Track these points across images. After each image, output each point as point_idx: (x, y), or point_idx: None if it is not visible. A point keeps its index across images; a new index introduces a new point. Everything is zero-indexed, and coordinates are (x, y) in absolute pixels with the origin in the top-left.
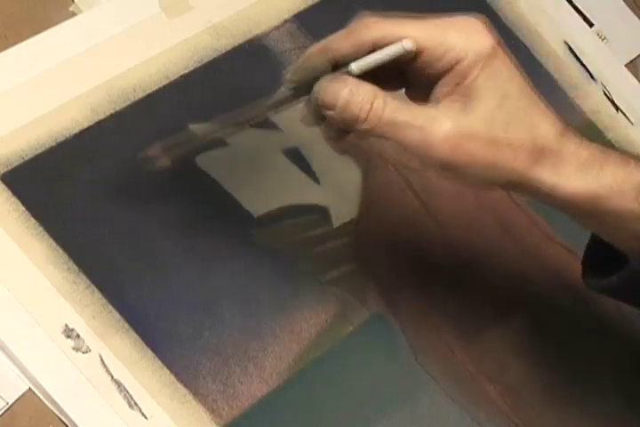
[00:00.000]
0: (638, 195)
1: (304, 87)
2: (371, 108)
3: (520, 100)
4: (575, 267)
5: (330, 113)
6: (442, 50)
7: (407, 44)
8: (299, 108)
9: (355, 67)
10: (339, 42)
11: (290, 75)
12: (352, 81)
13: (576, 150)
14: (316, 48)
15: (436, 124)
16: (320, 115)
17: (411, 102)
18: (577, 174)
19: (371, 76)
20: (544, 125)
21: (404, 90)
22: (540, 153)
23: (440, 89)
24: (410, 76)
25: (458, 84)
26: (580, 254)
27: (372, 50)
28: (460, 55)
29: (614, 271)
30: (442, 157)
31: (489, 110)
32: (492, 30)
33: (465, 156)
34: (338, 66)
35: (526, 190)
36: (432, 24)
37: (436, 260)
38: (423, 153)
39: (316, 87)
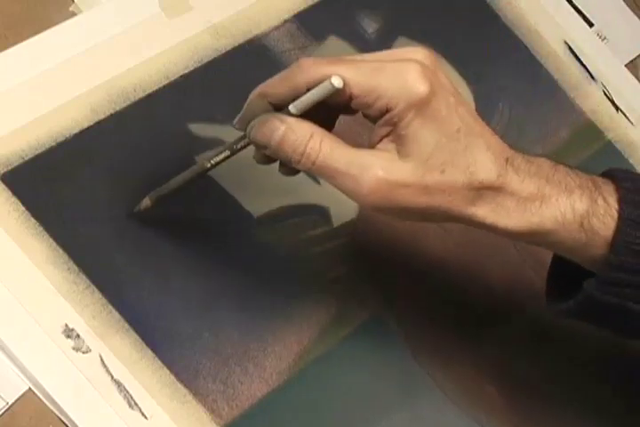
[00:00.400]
0: (581, 224)
1: None
2: (304, 150)
3: (458, 141)
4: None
5: (266, 152)
6: (373, 97)
7: (335, 81)
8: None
9: (292, 107)
10: (275, 86)
11: (236, 124)
12: (290, 120)
13: (519, 185)
14: (254, 95)
15: (367, 173)
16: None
17: (346, 145)
18: (517, 211)
19: (317, 119)
20: (484, 164)
21: None
22: (477, 193)
23: (376, 132)
24: (347, 115)
25: (392, 130)
26: None
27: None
28: (392, 103)
29: (573, 294)
30: (371, 203)
31: (422, 157)
32: (429, 73)
33: (396, 203)
34: (279, 110)
35: (471, 225)
36: (365, 68)
37: (436, 260)
38: (356, 199)
39: (249, 128)
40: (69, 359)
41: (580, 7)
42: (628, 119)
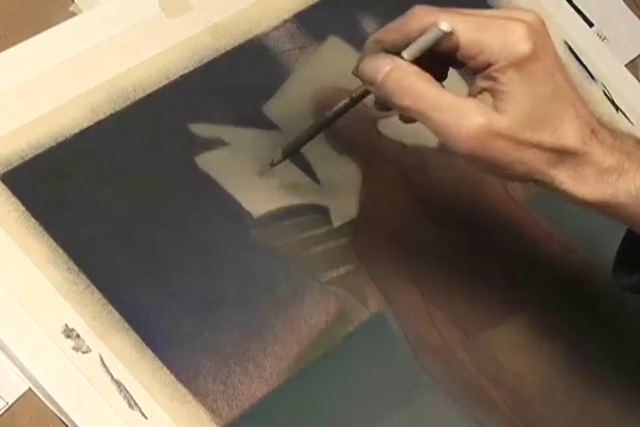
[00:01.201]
0: None
1: None
2: (407, 87)
3: (551, 104)
4: (575, 266)
5: (371, 89)
6: (477, 49)
7: (443, 26)
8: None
9: (404, 53)
10: (389, 34)
11: (354, 71)
12: (399, 59)
13: (600, 156)
14: (369, 41)
15: (468, 119)
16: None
17: (451, 91)
18: (594, 180)
19: (429, 71)
20: (571, 130)
21: None
22: (561, 156)
23: (476, 84)
24: (456, 69)
25: (492, 84)
26: (580, 253)
27: None
28: (494, 58)
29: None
30: (467, 148)
31: (518, 113)
32: (535, 35)
33: (489, 152)
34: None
35: (546, 188)
36: (475, 21)
37: (436, 259)
38: (450, 141)
39: (361, 64)
40: (69, 359)
41: (579, 7)
42: (628, 119)
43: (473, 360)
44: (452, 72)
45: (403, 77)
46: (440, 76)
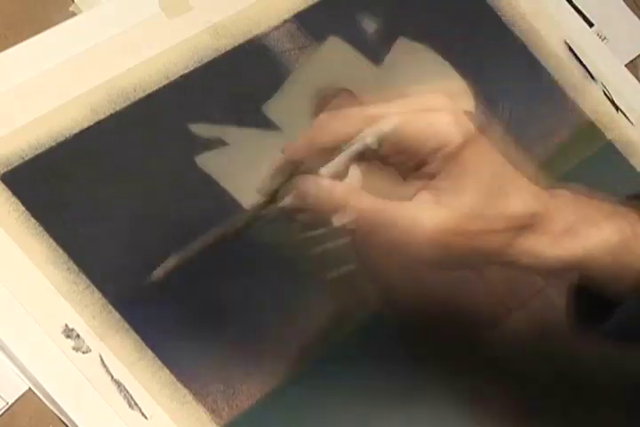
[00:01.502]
0: (613, 256)
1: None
2: (345, 208)
3: (492, 188)
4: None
5: (300, 217)
6: (407, 153)
7: (369, 140)
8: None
9: (323, 171)
10: (301, 152)
11: (260, 191)
12: (326, 181)
13: (550, 224)
14: (278, 165)
15: (420, 225)
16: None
17: (386, 200)
18: (551, 247)
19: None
20: (517, 207)
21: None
22: (515, 233)
23: (411, 185)
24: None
25: (428, 183)
26: None
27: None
28: (423, 157)
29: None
30: (432, 255)
31: (463, 206)
32: (458, 121)
33: (451, 251)
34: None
35: (508, 266)
36: (394, 124)
37: None
38: (410, 251)
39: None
40: (69, 359)
41: (579, 7)
42: (628, 119)
43: (473, 360)
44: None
45: (339, 200)
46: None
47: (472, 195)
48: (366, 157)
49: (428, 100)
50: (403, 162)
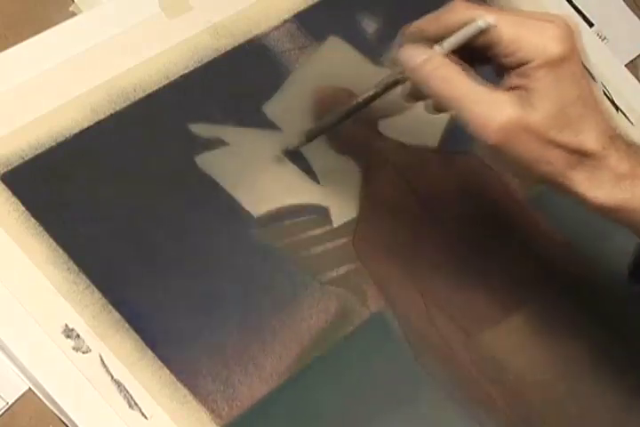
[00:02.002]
0: None
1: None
2: (441, 77)
3: (576, 107)
4: (575, 266)
5: (403, 77)
6: (513, 47)
7: (484, 21)
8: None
9: (442, 45)
10: (428, 24)
11: (386, 60)
12: (433, 51)
13: (616, 162)
14: (407, 30)
15: (501, 108)
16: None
17: (484, 84)
18: (609, 184)
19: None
20: (592, 134)
21: None
22: (581, 159)
23: (507, 81)
24: (492, 64)
25: (525, 81)
26: (580, 254)
27: None
28: (529, 56)
29: None
30: (496, 139)
31: (548, 111)
32: (569, 38)
33: (516, 145)
34: None
35: (561, 190)
36: (513, 19)
37: (436, 259)
38: (481, 131)
39: (398, 52)
40: (69, 359)
41: (579, 7)
42: (628, 119)
43: (473, 360)
44: None
45: (439, 67)
46: None
47: (555, 106)
48: (477, 44)
49: (555, 16)
50: (502, 56)
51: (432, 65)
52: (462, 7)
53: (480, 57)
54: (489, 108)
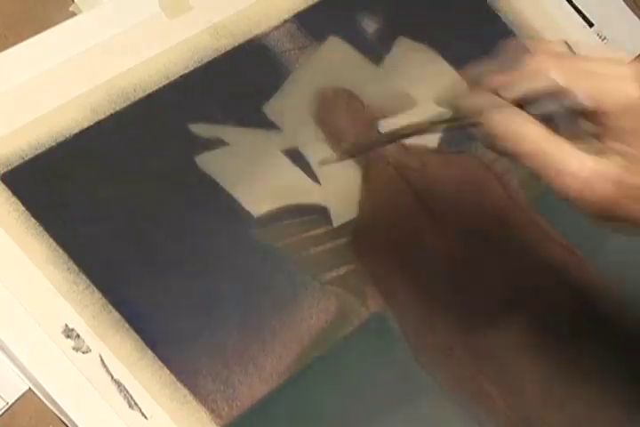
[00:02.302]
0: None
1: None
2: (519, 129)
3: None
4: (575, 267)
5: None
6: (589, 102)
7: (578, 99)
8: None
9: (508, 94)
10: (509, 84)
11: (439, 100)
12: (522, 114)
13: None
14: (473, 73)
15: (584, 160)
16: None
17: (565, 140)
18: None
19: None
20: None
21: None
22: None
23: (585, 131)
24: None
25: (604, 131)
26: (581, 254)
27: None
28: (606, 106)
29: None
30: (577, 190)
31: (632, 159)
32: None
33: (597, 194)
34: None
35: None
36: (586, 72)
37: (436, 260)
38: (560, 182)
39: (465, 100)
40: (69, 359)
41: (579, 7)
42: None
43: (473, 360)
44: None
45: (510, 120)
46: None
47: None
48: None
49: (620, 61)
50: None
51: (503, 117)
52: (537, 62)
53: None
54: (571, 161)
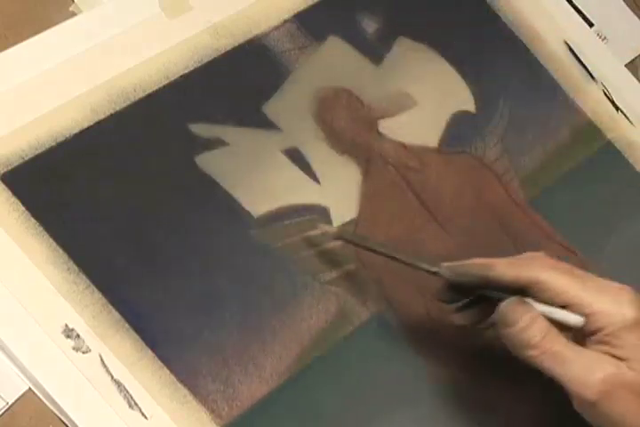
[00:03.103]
0: None
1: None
2: (543, 337)
3: None
4: (575, 266)
5: (506, 331)
6: (591, 320)
7: (578, 320)
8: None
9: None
10: (504, 269)
11: (446, 270)
12: (534, 315)
13: None
14: (480, 261)
15: (599, 366)
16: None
17: (571, 342)
18: None
19: None
20: None
21: None
22: None
23: (591, 347)
24: None
25: (607, 348)
26: (580, 254)
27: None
28: (605, 324)
29: None
30: (595, 396)
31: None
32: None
33: (615, 401)
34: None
35: None
36: (588, 287)
37: (436, 259)
38: (578, 388)
39: (504, 305)
40: (69, 359)
41: (580, 7)
42: (628, 119)
43: (474, 360)
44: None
45: (536, 336)
46: None
47: None
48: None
49: (619, 286)
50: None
51: (536, 326)
52: (543, 271)
53: None
54: (586, 366)
